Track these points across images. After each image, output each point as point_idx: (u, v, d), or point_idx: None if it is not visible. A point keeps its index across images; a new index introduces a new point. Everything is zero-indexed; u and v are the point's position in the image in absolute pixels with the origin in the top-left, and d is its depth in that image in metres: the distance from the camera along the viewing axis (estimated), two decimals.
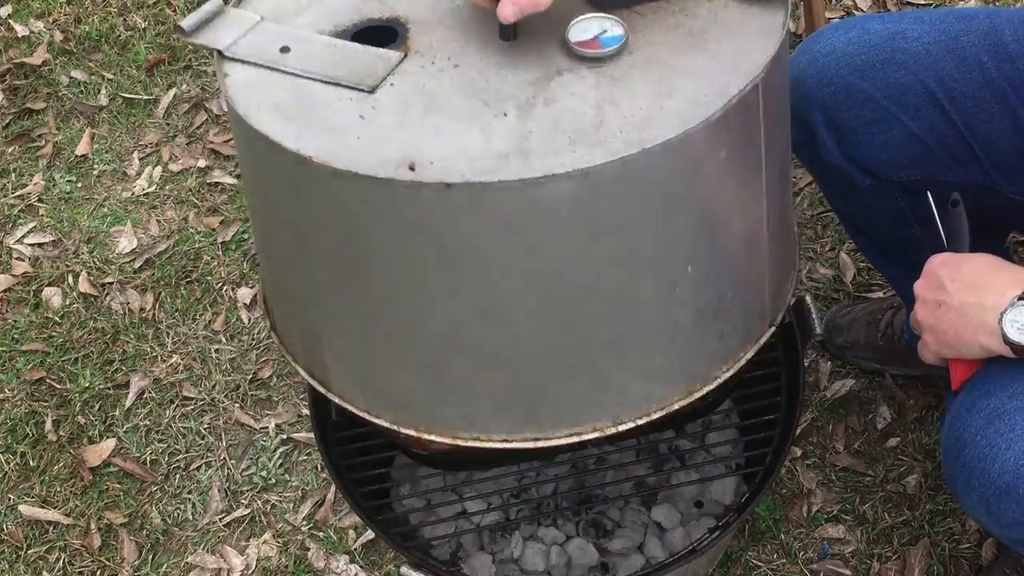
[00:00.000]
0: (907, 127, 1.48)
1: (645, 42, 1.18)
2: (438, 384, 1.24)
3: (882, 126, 1.49)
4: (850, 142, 1.53)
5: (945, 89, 1.45)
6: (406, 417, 1.27)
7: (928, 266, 1.32)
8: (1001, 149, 1.45)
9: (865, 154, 1.53)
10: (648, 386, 1.24)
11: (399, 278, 1.15)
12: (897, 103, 1.47)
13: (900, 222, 1.65)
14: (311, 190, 1.12)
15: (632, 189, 1.08)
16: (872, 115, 1.49)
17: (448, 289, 1.14)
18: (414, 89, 1.15)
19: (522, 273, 1.12)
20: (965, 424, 1.26)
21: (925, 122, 1.47)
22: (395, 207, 1.08)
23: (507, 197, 1.05)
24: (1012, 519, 1.20)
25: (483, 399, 1.24)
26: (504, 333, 1.17)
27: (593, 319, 1.17)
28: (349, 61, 1.19)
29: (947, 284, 1.26)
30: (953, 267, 1.28)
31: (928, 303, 1.28)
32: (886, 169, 1.54)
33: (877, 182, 1.56)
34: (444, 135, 1.10)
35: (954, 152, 1.48)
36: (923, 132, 1.48)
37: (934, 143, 1.48)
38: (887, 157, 1.52)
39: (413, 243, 1.11)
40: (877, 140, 1.51)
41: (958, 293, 1.24)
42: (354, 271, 1.17)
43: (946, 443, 1.31)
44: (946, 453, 1.31)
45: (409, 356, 1.21)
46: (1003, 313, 1.19)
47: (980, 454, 1.22)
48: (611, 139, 1.06)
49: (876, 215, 1.68)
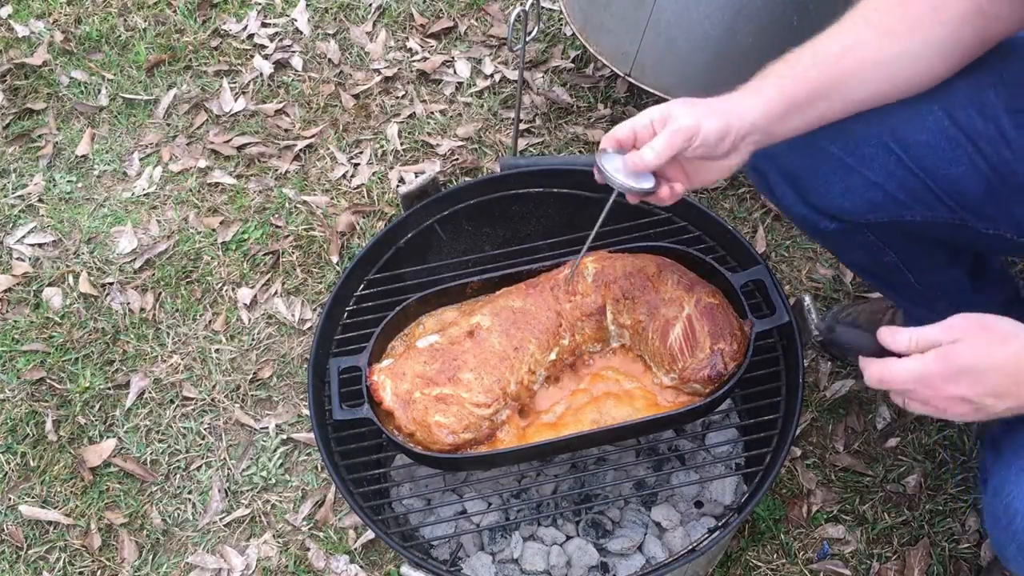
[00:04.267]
0: (864, 176, 1.46)
1: None
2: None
3: (840, 175, 1.48)
4: (810, 192, 1.52)
5: (898, 139, 1.42)
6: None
7: (948, 358, 1.16)
8: (964, 191, 1.43)
9: (828, 203, 1.51)
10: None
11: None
12: (851, 154, 1.46)
13: (873, 251, 1.64)
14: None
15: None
16: (828, 167, 1.48)
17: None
18: None
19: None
20: (1017, 491, 1.21)
21: (882, 171, 1.45)
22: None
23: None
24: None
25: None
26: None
27: None
28: None
29: (973, 396, 1.15)
30: (971, 375, 1.14)
31: (948, 400, 1.17)
32: (851, 215, 1.52)
33: (843, 224, 1.55)
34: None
35: (917, 195, 1.46)
36: (882, 180, 1.46)
37: (894, 189, 1.46)
38: (850, 205, 1.50)
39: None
40: (837, 189, 1.49)
41: (996, 403, 1.15)
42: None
43: (994, 510, 1.26)
44: (994, 521, 1.26)
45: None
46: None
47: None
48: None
49: (848, 249, 1.67)
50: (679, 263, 1.61)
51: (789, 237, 2.37)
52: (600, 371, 1.61)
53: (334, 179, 2.59)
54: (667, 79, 2.22)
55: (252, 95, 2.79)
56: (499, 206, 1.89)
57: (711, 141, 1.29)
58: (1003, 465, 1.25)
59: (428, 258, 1.88)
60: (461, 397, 1.50)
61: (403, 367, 1.54)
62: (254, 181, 2.61)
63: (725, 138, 1.30)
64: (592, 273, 1.60)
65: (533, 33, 1.98)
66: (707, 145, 1.29)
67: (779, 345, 1.64)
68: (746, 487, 1.70)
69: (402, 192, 1.80)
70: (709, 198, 2.45)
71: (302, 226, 2.50)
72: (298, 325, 2.34)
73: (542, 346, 1.56)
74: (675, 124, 1.28)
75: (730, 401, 1.81)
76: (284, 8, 3.00)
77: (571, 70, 2.76)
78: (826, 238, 1.62)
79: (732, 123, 1.30)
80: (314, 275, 2.42)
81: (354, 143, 2.67)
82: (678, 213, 1.80)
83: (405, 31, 2.91)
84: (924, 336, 1.17)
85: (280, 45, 2.90)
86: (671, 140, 1.28)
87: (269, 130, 2.72)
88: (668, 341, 1.53)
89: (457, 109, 2.72)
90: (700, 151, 1.31)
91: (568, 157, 2.49)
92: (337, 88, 2.79)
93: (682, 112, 1.29)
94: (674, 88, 2.22)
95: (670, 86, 2.22)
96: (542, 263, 1.68)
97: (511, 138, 2.57)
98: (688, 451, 1.85)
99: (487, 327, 1.56)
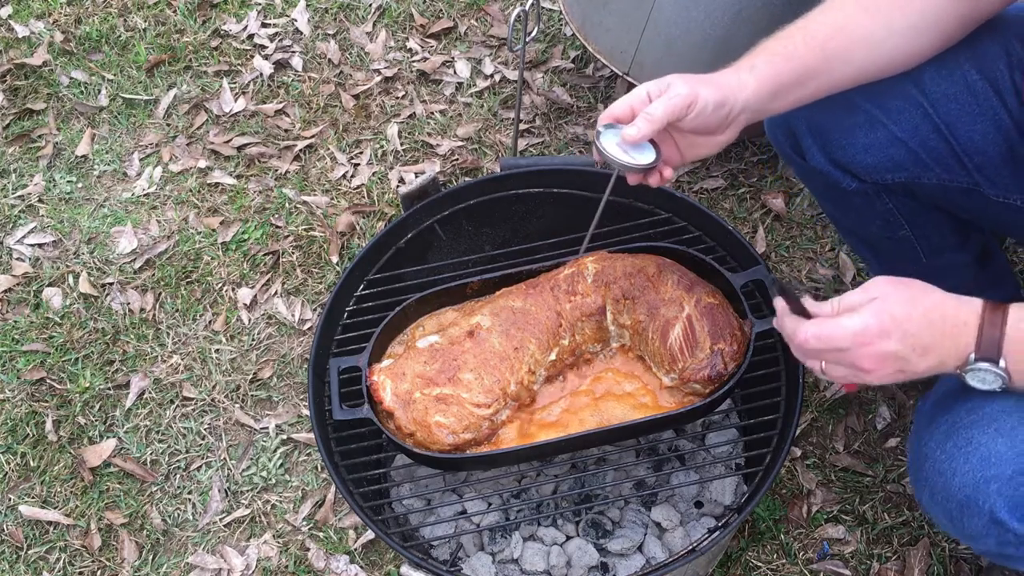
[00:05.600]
0: (890, 130, 1.48)
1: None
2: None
3: (865, 130, 1.50)
4: (834, 146, 1.54)
5: (925, 92, 1.45)
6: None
7: (882, 311, 1.16)
8: (984, 151, 1.46)
9: (850, 158, 1.54)
10: None
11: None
12: (879, 107, 1.48)
13: (889, 223, 1.66)
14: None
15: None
16: (854, 119, 1.50)
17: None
18: None
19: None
20: (926, 438, 1.27)
21: (907, 125, 1.47)
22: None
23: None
24: (976, 531, 1.21)
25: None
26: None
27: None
28: None
29: (903, 351, 1.16)
30: (902, 326, 1.17)
31: (879, 357, 1.17)
32: (871, 172, 1.54)
33: (863, 185, 1.57)
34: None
35: (937, 154, 1.49)
36: (906, 135, 1.48)
37: (917, 146, 1.49)
38: (871, 160, 1.52)
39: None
40: (860, 144, 1.51)
41: (920, 360, 1.17)
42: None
43: (910, 456, 1.32)
44: (910, 466, 1.32)
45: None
46: (965, 373, 1.18)
47: (940, 468, 1.23)
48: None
49: (865, 218, 1.68)
50: (679, 263, 1.61)
51: (789, 237, 2.37)
52: (600, 371, 1.61)
53: (334, 179, 2.59)
54: None
55: (252, 95, 2.80)
56: (499, 206, 1.89)
57: (708, 110, 1.29)
58: (919, 419, 1.30)
59: (428, 258, 1.88)
60: (461, 397, 1.50)
61: (403, 367, 1.54)
62: (254, 181, 2.61)
63: (722, 109, 1.31)
64: (592, 273, 1.60)
65: (533, 33, 1.98)
66: (704, 114, 1.30)
67: (779, 345, 1.64)
68: (746, 487, 1.70)
69: (402, 192, 1.80)
70: (709, 198, 2.46)
71: (302, 226, 2.50)
72: (298, 325, 2.34)
73: (542, 346, 1.56)
74: (673, 91, 1.29)
75: (730, 401, 1.81)
76: (284, 8, 3.00)
77: (571, 70, 2.76)
78: (847, 203, 1.63)
79: (728, 96, 1.31)
80: (314, 275, 2.42)
81: (354, 143, 2.67)
82: (678, 213, 1.80)
83: (405, 31, 2.91)
84: (846, 299, 1.20)
85: (280, 45, 2.90)
86: (669, 105, 1.28)
87: (269, 130, 2.72)
88: (668, 341, 1.53)
89: (457, 109, 2.72)
90: (697, 121, 1.31)
91: (568, 157, 2.49)
92: (337, 88, 2.79)
93: (679, 82, 1.30)
94: None
95: None
96: (542, 263, 1.68)
97: (511, 138, 2.57)
98: (688, 451, 1.85)
99: (487, 327, 1.56)
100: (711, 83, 1.31)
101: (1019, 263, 2.26)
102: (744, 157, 2.52)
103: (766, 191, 2.44)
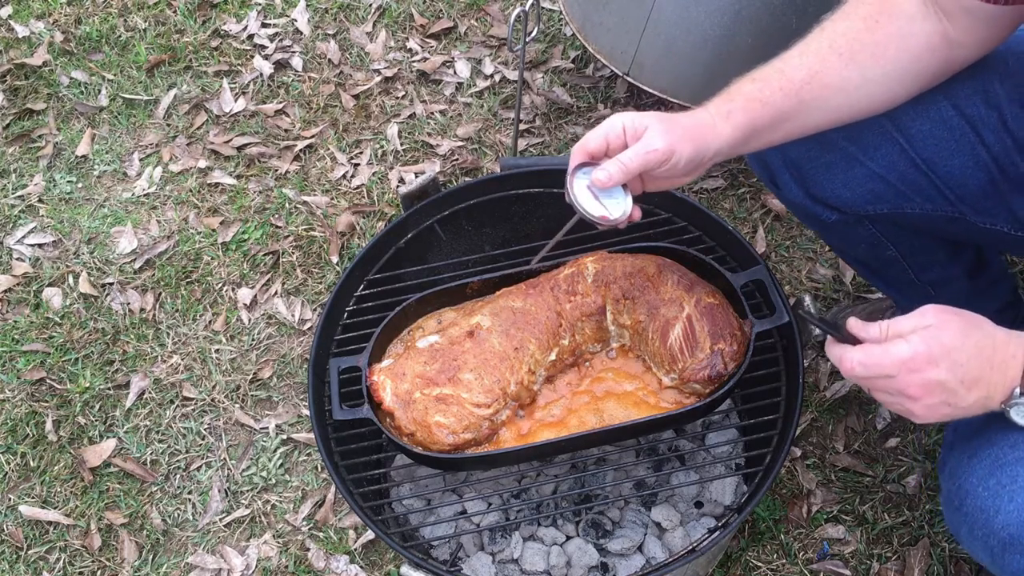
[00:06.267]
0: (867, 167, 1.47)
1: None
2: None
3: (842, 167, 1.49)
4: (810, 182, 1.53)
5: (901, 129, 1.44)
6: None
7: (932, 339, 1.15)
8: (964, 184, 1.44)
9: (828, 193, 1.53)
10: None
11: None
12: (855, 143, 1.46)
13: (875, 246, 1.65)
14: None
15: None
16: (831, 157, 1.49)
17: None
18: None
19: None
20: (967, 473, 1.23)
21: (885, 161, 1.46)
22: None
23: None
24: (1018, 569, 1.18)
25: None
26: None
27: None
28: None
29: (951, 381, 1.14)
30: (951, 355, 1.14)
31: (927, 385, 1.15)
32: (850, 205, 1.53)
33: (844, 216, 1.56)
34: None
35: (917, 187, 1.47)
36: (883, 170, 1.47)
37: (896, 180, 1.47)
38: (850, 195, 1.51)
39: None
40: (839, 180, 1.50)
41: (967, 393, 1.15)
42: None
43: (947, 492, 1.28)
44: (947, 502, 1.28)
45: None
46: (1010, 408, 1.16)
47: (983, 505, 1.20)
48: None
49: (850, 243, 1.68)
50: (679, 263, 1.61)
51: (789, 237, 2.37)
52: (600, 371, 1.61)
53: (334, 179, 2.59)
54: (666, 79, 2.22)
55: (252, 95, 2.80)
56: (499, 206, 1.89)
57: (680, 164, 1.30)
58: (956, 453, 1.27)
59: (428, 258, 1.88)
60: (461, 397, 1.50)
61: (403, 367, 1.54)
62: (254, 181, 2.61)
63: (694, 160, 1.31)
64: (592, 273, 1.60)
65: (533, 33, 1.98)
66: (676, 167, 1.31)
67: (779, 345, 1.64)
68: (746, 487, 1.70)
69: (402, 192, 1.80)
70: (709, 198, 2.46)
71: (302, 226, 2.50)
72: (298, 325, 2.34)
73: (542, 346, 1.56)
74: (651, 144, 1.28)
75: (730, 401, 1.81)
76: (284, 8, 3.00)
77: (571, 70, 2.76)
78: (829, 230, 1.62)
79: (702, 148, 1.31)
80: (314, 275, 2.42)
81: (354, 143, 2.67)
82: (678, 213, 1.80)
83: (405, 31, 2.91)
84: (896, 325, 1.17)
85: (280, 45, 2.90)
86: (644, 160, 1.29)
87: (269, 130, 2.72)
88: (668, 341, 1.53)
89: (457, 109, 2.72)
90: (669, 172, 1.32)
91: (568, 157, 2.49)
92: (337, 88, 2.79)
93: (657, 131, 1.29)
94: (673, 88, 2.21)
95: (669, 85, 2.22)
96: (542, 263, 1.68)
97: (511, 138, 2.57)
98: (688, 451, 1.84)
99: (487, 327, 1.56)
100: (689, 137, 1.30)
101: (1020, 263, 2.26)
102: (744, 157, 2.52)
103: (766, 191, 2.44)
